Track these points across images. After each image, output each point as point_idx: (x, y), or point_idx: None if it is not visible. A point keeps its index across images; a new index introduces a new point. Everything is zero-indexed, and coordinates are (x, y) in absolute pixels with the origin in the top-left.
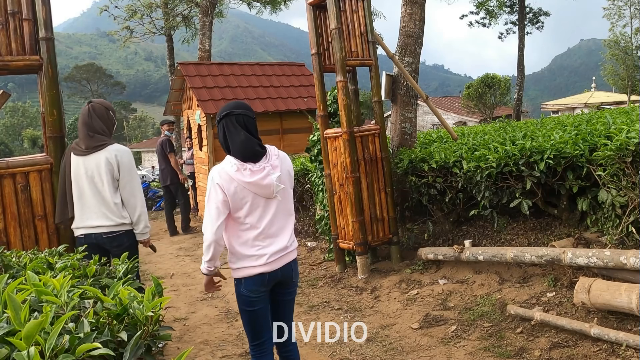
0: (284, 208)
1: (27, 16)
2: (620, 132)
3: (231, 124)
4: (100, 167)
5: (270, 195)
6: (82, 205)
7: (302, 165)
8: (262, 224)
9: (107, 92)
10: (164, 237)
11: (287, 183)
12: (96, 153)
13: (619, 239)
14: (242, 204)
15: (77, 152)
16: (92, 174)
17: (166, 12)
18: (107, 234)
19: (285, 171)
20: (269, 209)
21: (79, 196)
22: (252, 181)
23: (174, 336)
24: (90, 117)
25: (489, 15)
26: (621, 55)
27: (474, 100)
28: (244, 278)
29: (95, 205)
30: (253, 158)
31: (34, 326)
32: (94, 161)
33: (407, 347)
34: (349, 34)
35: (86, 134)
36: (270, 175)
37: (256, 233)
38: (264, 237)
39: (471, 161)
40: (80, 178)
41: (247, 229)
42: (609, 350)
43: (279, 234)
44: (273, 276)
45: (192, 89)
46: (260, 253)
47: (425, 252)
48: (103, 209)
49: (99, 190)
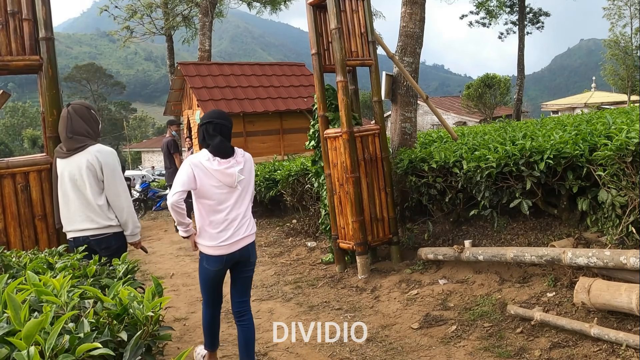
0: (244, 198)
1: (27, 16)
2: (620, 132)
3: (211, 129)
4: (81, 169)
5: (232, 184)
6: (68, 209)
7: (302, 165)
8: (225, 210)
9: (107, 92)
10: (164, 237)
11: (248, 177)
12: (77, 155)
13: (619, 239)
14: (209, 189)
15: (60, 155)
16: (75, 176)
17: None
18: (94, 237)
19: (248, 167)
20: (230, 198)
21: (64, 200)
22: (219, 169)
23: (174, 336)
24: (70, 119)
25: (489, 15)
26: (621, 55)
27: (474, 100)
28: (206, 255)
29: (80, 208)
30: (223, 155)
31: (34, 326)
32: (75, 163)
33: (407, 347)
34: (349, 34)
35: (65, 136)
36: (233, 167)
37: (219, 217)
38: (225, 222)
39: (471, 161)
40: (64, 181)
41: (213, 212)
42: (609, 350)
43: (238, 219)
44: (231, 257)
45: (192, 89)
46: (221, 236)
47: (425, 252)
48: (87, 211)
49: (83, 193)
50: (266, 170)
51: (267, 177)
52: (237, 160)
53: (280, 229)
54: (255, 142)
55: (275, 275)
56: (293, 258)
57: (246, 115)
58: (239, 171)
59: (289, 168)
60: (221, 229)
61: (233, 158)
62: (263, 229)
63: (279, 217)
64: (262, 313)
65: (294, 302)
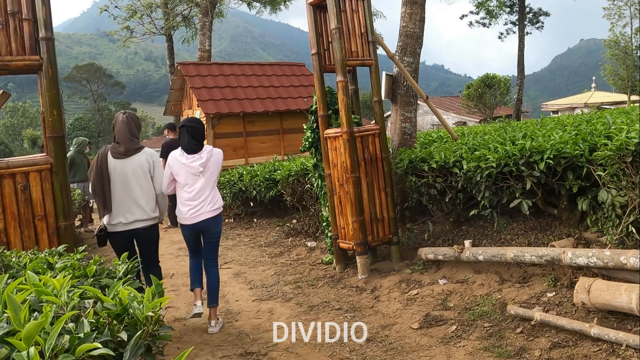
0: (207, 184)
1: (27, 16)
2: (620, 132)
3: (184, 132)
4: (143, 167)
5: (196, 173)
6: (124, 203)
7: (302, 165)
8: (191, 192)
9: (107, 92)
10: (164, 237)
11: (212, 168)
12: (137, 155)
13: (619, 239)
14: (180, 176)
15: (116, 155)
16: (137, 173)
17: (166, 12)
18: (144, 227)
19: (212, 160)
20: (196, 183)
21: (121, 194)
22: (185, 163)
23: (174, 336)
24: (130, 124)
25: (489, 15)
26: (621, 55)
27: (474, 100)
28: (180, 224)
29: (136, 201)
30: (190, 152)
31: (34, 326)
32: (137, 162)
33: (407, 347)
34: (349, 34)
35: (128, 137)
36: (196, 161)
37: (188, 196)
38: (191, 200)
39: (471, 161)
40: (125, 178)
41: (183, 192)
42: (609, 350)
43: (200, 199)
44: (195, 226)
45: (192, 89)
46: (187, 210)
47: (425, 252)
48: (142, 204)
49: (141, 188)
50: (266, 170)
51: (267, 177)
52: (200, 156)
53: (280, 229)
54: (255, 142)
55: (275, 275)
56: (293, 258)
57: (246, 115)
58: (200, 164)
59: (289, 168)
60: (187, 207)
61: (198, 154)
62: (263, 229)
63: (279, 217)
64: (262, 313)
65: (294, 302)
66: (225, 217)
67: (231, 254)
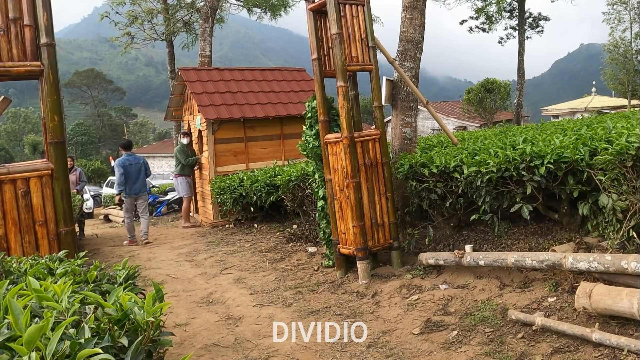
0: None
1: (28, 22)
2: (621, 136)
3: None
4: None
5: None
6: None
7: (302, 171)
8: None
9: (108, 98)
10: (164, 242)
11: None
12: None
13: (620, 244)
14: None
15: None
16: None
17: (167, 18)
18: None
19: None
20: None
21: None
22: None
23: (175, 342)
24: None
25: (488, 21)
26: (621, 60)
27: (474, 105)
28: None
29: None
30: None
31: (35, 332)
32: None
33: (408, 353)
34: (349, 39)
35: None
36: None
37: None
38: (132, 184)
39: (472, 166)
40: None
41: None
42: (611, 355)
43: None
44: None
45: (192, 94)
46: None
47: (426, 257)
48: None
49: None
50: (267, 176)
51: (268, 182)
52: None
53: (281, 234)
54: (255, 147)
55: (276, 280)
56: (294, 263)
57: (247, 121)
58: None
59: (290, 173)
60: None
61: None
62: (263, 234)
63: (279, 222)
64: (263, 318)
65: (294, 307)
66: (225, 223)
67: (232, 260)
